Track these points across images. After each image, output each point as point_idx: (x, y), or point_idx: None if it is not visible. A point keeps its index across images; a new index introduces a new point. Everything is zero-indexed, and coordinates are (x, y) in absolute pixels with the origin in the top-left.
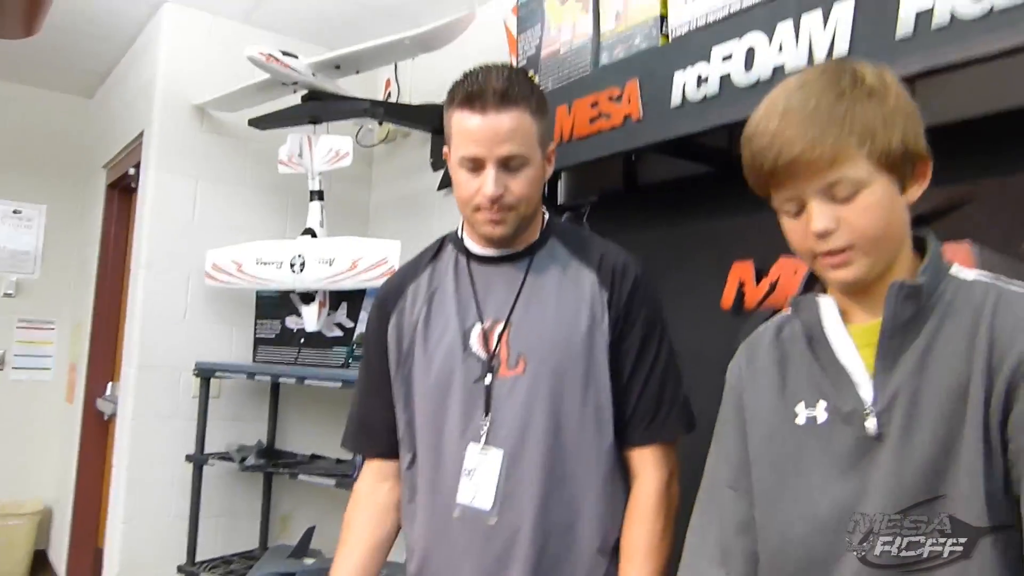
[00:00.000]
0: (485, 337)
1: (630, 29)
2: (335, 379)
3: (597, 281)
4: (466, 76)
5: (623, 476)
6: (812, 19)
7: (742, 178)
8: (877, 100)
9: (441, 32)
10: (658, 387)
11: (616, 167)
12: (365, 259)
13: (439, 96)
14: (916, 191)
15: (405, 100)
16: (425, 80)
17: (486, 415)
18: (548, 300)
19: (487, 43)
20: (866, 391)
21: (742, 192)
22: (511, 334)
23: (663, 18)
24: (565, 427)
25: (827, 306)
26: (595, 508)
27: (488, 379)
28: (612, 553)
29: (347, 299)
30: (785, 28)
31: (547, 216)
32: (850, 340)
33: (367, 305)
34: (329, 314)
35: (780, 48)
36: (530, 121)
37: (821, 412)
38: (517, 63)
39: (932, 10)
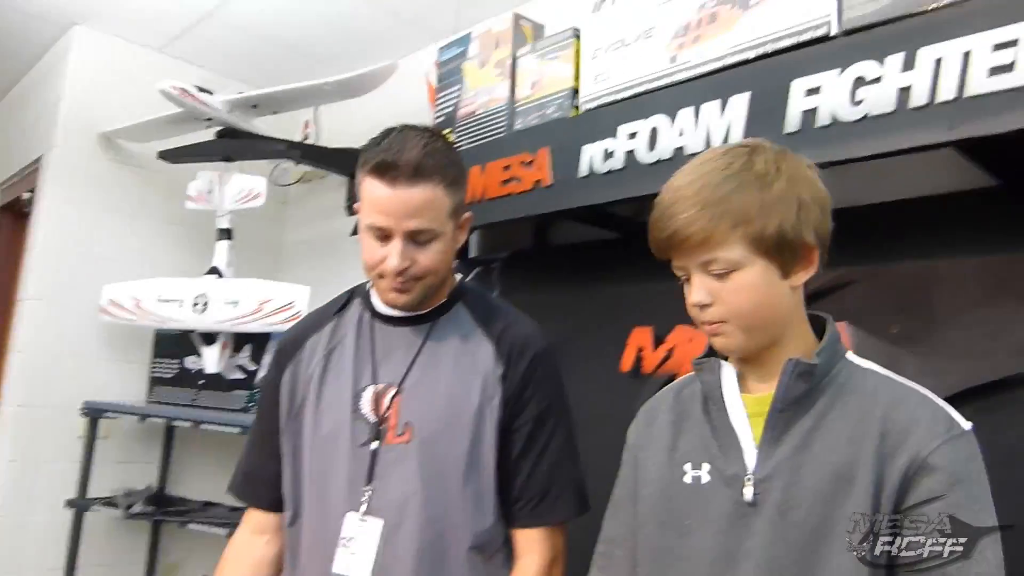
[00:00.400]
0: (377, 401)
1: (544, 98)
2: (233, 424)
3: (494, 355)
4: (382, 139)
5: (506, 557)
6: (711, 108)
7: (645, 246)
8: (760, 186)
9: (363, 80)
10: (548, 469)
11: (528, 226)
12: (272, 302)
13: (358, 141)
14: (800, 276)
15: (323, 143)
16: (345, 124)
17: (368, 483)
18: (443, 369)
19: (408, 94)
20: (750, 458)
21: (645, 260)
22: (402, 400)
23: (575, 91)
24: (445, 502)
25: (727, 372)
26: None
27: (374, 445)
28: None
29: (251, 341)
30: (686, 114)
31: (458, 279)
32: (743, 407)
33: (272, 348)
34: (231, 356)
35: (681, 132)
36: (443, 195)
37: (705, 473)
38: (435, 118)
39: (816, 111)
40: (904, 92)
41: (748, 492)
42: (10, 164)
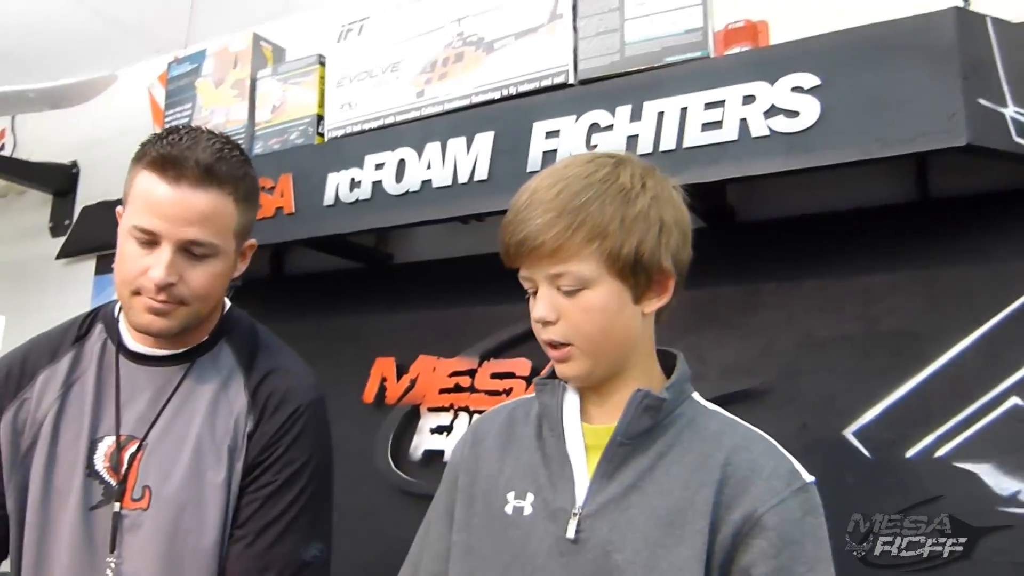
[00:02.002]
0: (115, 456)
1: (287, 123)
2: None
3: (247, 407)
4: (168, 133)
5: None
6: (457, 143)
7: (387, 276)
8: (623, 200)
9: (75, 90)
10: (271, 542)
11: (264, 255)
12: None
13: (64, 156)
14: (653, 303)
15: (23, 155)
16: (50, 137)
17: (111, 554)
18: (193, 422)
19: (129, 108)
20: (580, 492)
21: (387, 290)
22: (144, 457)
23: (320, 118)
24: None
25: (571, 397)
26: None
27: (113, 508)
28: None
29: None
30: (433, 148)
31: (227, 311)
32: (581, 436)
33: None
34: None
35: (428, 165)
36: (232, 209)
37: (529, 504)
38: None
39: (556, 152)
40: (632, 139)
41: (572, 528)
42: None
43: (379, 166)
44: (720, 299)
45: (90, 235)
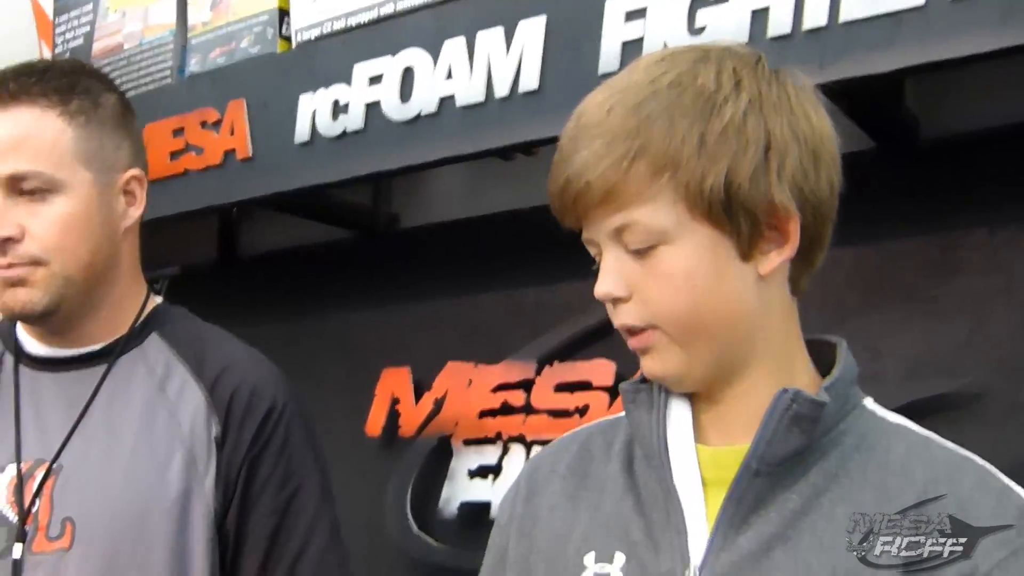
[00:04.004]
0: (19, 488)
1: (234, 25)
2: None
3: (206, 407)
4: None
5: None
6: (490, 37)
7: (392, 248)
8: (701, 111)
9: None
10: None
11: (208, 227)
12: None
13: None
14: (771, 259)
15: None
16: None
17: None
18: (125, 434)
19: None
20: (696, 547)
21: (393, 269)
22: (58, 485)
23: (283, 13)
24: None
25: (678, 409)
26: None
27: (15, 553)
28: None
29: None
30: (455, 47)
31: (152, 298)
32: (696, 466)
33: None
34: None
35: (449, 74)
36: (59, 126)
37: (617, 571)
38: (53, 57)
39: (641, 42)
40: (759, 16)
41: None
42: None
43: (374, 80)
44: (897, 260)
45: None
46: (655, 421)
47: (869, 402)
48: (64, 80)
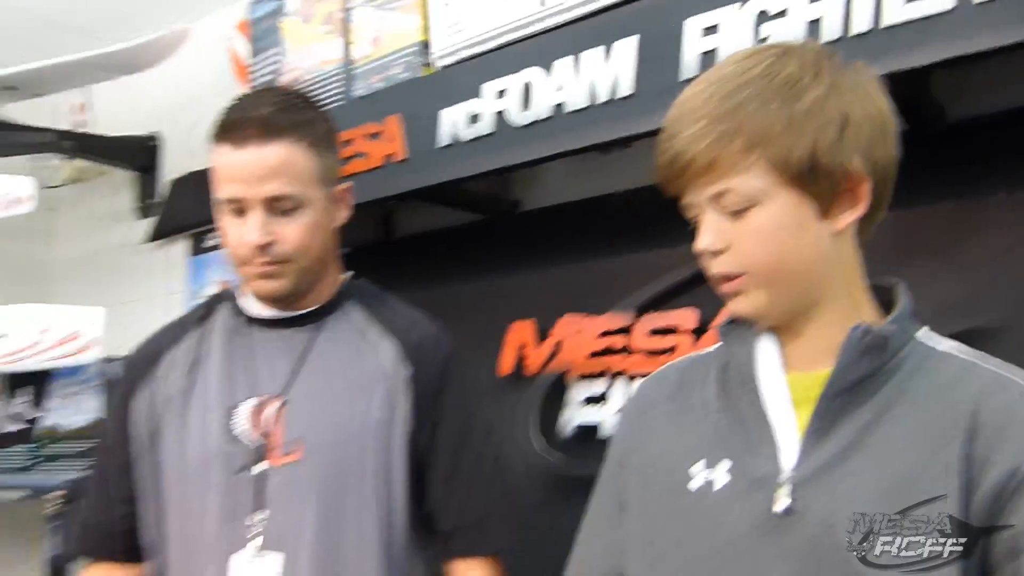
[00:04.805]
0: (256, 417)
1: (388, 57)
2: (16, 486)
3: (399, 355)
4: (231, 103)
5: None
6: (593, 56)
7: (515, 227)
8: (787, 96)
9: (147, 50)
10: (481, 492)
11: (372, 215)
12: (53, 332)
13: (146, 127)
14: (845, 216)
15: (102, 131)
16: (129, 108)
17: (255, 514)
18: (336, 374)
19: (209, 64)
20: (788, 456)
21: (516, 243)
22: (288, 413)
23: (425, 45)
24: (346, 530)
25: (766, 343)
26: None
27: (258, 468)
28: None
29: (30, 383)
30: (564, 65)
31: (346, 274)
32: (786, 389)
33: (57, 390)
34: (5, 403)
35: (559, 87)
36: (302, 155)
37: (722, 474)
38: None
39: (715, 52)
40: (814, 26)
41: (782, 499)
42: None
43: (500, 93)
44: (930, 220)
45: (180, 213)
46: (747, 353)
47: (924, 332)
48: (302, 114)
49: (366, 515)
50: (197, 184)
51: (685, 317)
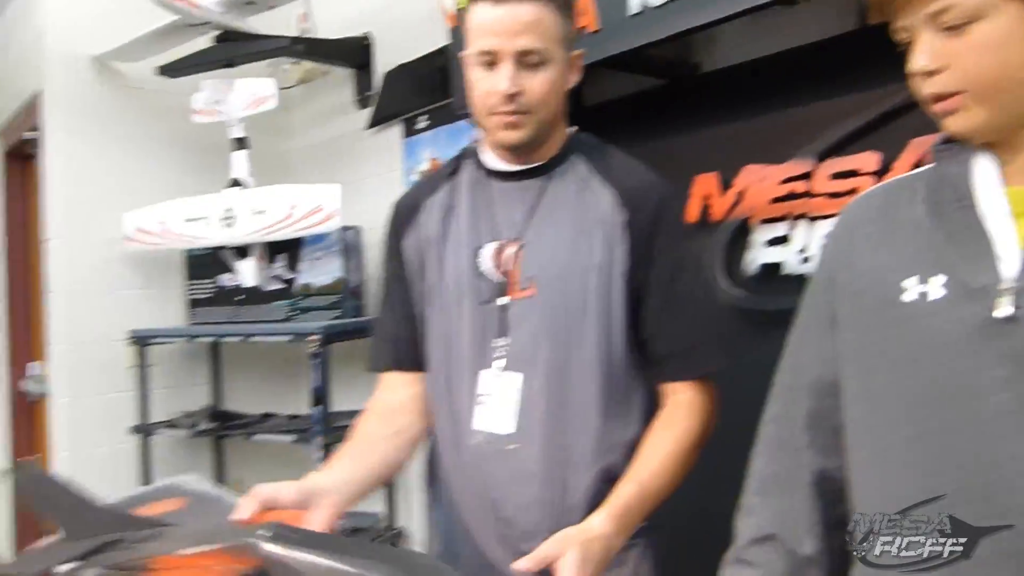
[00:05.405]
0: (497, 258)
1: None
2: (281, 333)
3: (616, 201)
4: None
5: (641, 412)
6: None
7: (696, 89)
8: None
9: None
10: (690, 320)
11: None
12: (300, 207)
13: (359, 28)
14: None
15: (322, 35)
16: (341, 12)
17: (500, 338)
18: (563, 220)
19: None
20: (1009, 265)
21: (698, 103)
22: (524, 254)
23: None
24: (571, 356)
25: (982, 161)
26: (596, 437)
27: (501, 301)
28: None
29: (284, 250)
30: None
31: (571, 131)
32: (1006, 202)
33: (307, 255)
34: (267, 267)
35: None
36: (552, 17)
37: (936, 288)
38: None
39: None
40: None
41: (1004, 307)
42: (4, 107)
43: None
44: None
45: (392, 102)
46: (963, 170)
47: None
48: None
49: (589, 343)
50: (406, 76)
51: (866, 160)
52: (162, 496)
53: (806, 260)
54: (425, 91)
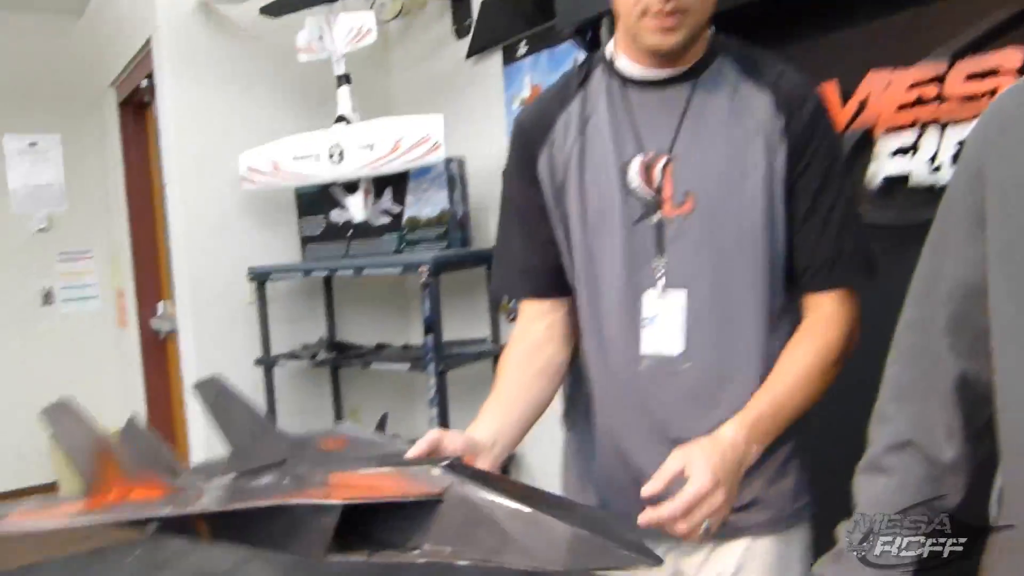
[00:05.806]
0: (647, 171)
1: None
2: (393, 264)
3: (773, 105)
4: None
5: (793, 323)
6: None
7: None
8: None
9: None
10: (838, 231)
11: None
12: (407, 139)
13: None
14: None
15: None
16: None
17: (657, 258)
18: (717, 129)
19: None
20: None
21: (811, 11)
22: (676, 168)
23: None
24: (735, 270)
25: None
26: (761, 351)
27: (654, 219)
28: None
29: (391, 183)
30: None
31: (713, 31)
32: None
33: (413, 188)
34: (375, 202)
35: None
36: None
37: None
38: None
39: None
40: None
41: None
42: (120, 56)
43: None
44: None
45: (491, 30)
46: None
47: None
48: None
49: (754, 256)
50: (504, 1)
51: (1008, 57)
52: (326, 436)
53: (937, 169)
54: (524, 16)
